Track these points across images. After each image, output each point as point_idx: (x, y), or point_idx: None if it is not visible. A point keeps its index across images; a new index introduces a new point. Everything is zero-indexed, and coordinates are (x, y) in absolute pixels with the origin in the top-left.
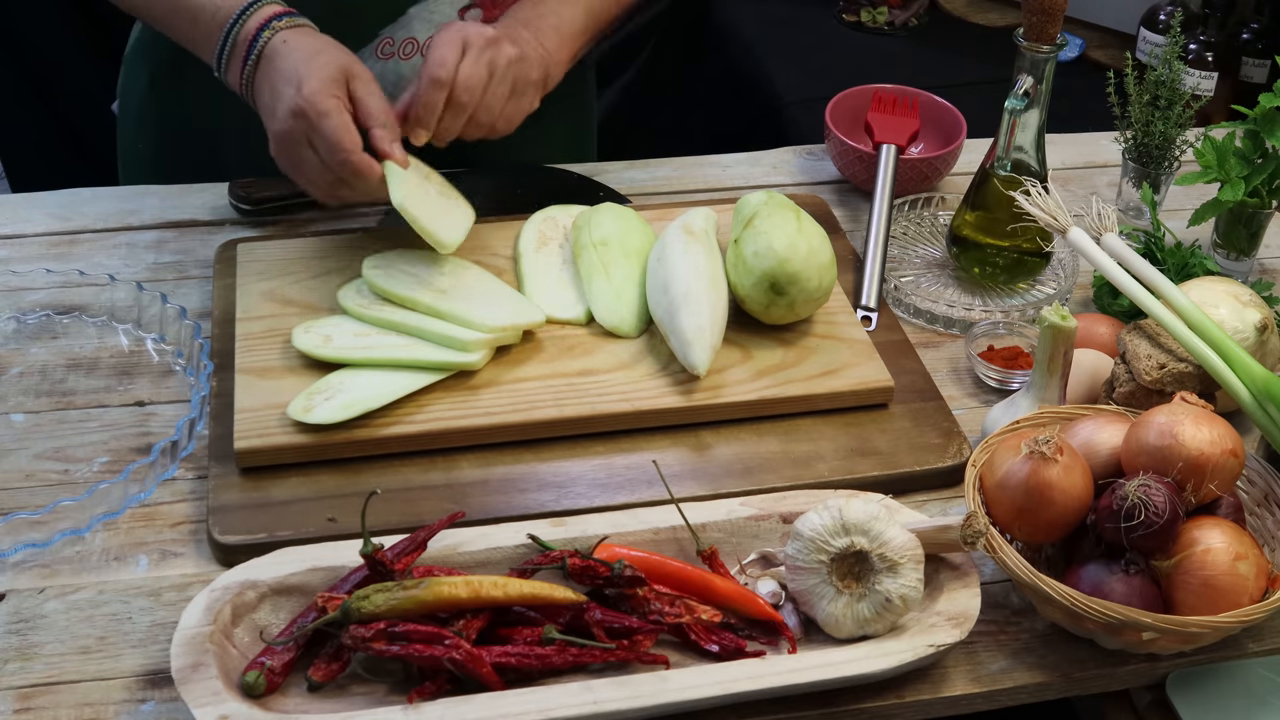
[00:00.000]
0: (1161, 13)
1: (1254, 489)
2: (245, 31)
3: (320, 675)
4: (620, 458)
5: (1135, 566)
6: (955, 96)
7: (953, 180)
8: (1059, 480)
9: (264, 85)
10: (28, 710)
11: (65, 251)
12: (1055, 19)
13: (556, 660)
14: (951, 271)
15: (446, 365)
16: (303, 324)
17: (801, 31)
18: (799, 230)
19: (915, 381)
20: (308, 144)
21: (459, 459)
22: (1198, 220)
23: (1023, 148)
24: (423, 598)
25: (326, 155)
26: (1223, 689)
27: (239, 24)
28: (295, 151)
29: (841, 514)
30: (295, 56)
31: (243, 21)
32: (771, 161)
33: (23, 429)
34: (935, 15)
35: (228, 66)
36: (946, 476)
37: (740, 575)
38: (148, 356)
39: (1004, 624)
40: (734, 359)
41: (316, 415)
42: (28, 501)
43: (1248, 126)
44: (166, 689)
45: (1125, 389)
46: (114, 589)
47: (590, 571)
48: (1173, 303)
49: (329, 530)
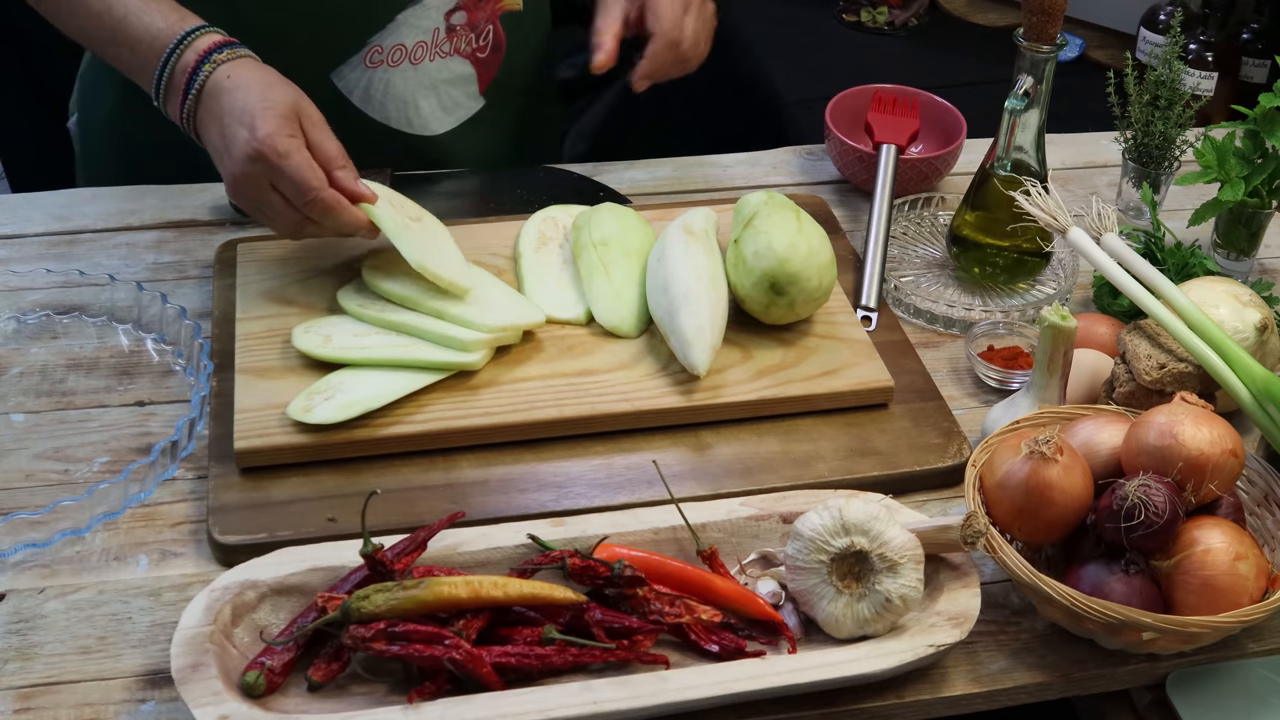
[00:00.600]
0: (1161, 13)
1: (1254, 489)
2: (183, 64)
3: (320, 675)
4: (620, 458)
5: (1135, 566)
6: (955, 96)
7: (953, 180)
8: (1059, 480)
9: (211, 124)
10: (28, 710)
11: (65, 251)
12: (1055, 19)
13: (556, 660)
14: (951, 271)
15: (446, 365)
16: (303, 324)
17: (801, 31)
18: (799, 230)
19: (915, 381)
20: (270, 187)
21: (459, 459)
22: (1198, 220)
23: (1023, 148)
24: (423, 598)
25: (294, 196)
26: (1223, 689)
27: (176, 55)
28: (257, 194)
29: (841, 514)
30: (243, 95)
31: (179, 52)
32: (771, 161)
33: (23, 429)
34: (935, 15)
35: (166, 99)
36: (946, 476)
37: (740, 575)
38: (148, 356)
39: (1004, 624)
40: (734, 359)
41: (316, 415)
42: (28, 501)
43: (1248, 126)
44: (166, 689)
45: (1125, 389)
46: (114, 589)
47: (590, 571)
48: (1173, 303)
49: (329, 530)
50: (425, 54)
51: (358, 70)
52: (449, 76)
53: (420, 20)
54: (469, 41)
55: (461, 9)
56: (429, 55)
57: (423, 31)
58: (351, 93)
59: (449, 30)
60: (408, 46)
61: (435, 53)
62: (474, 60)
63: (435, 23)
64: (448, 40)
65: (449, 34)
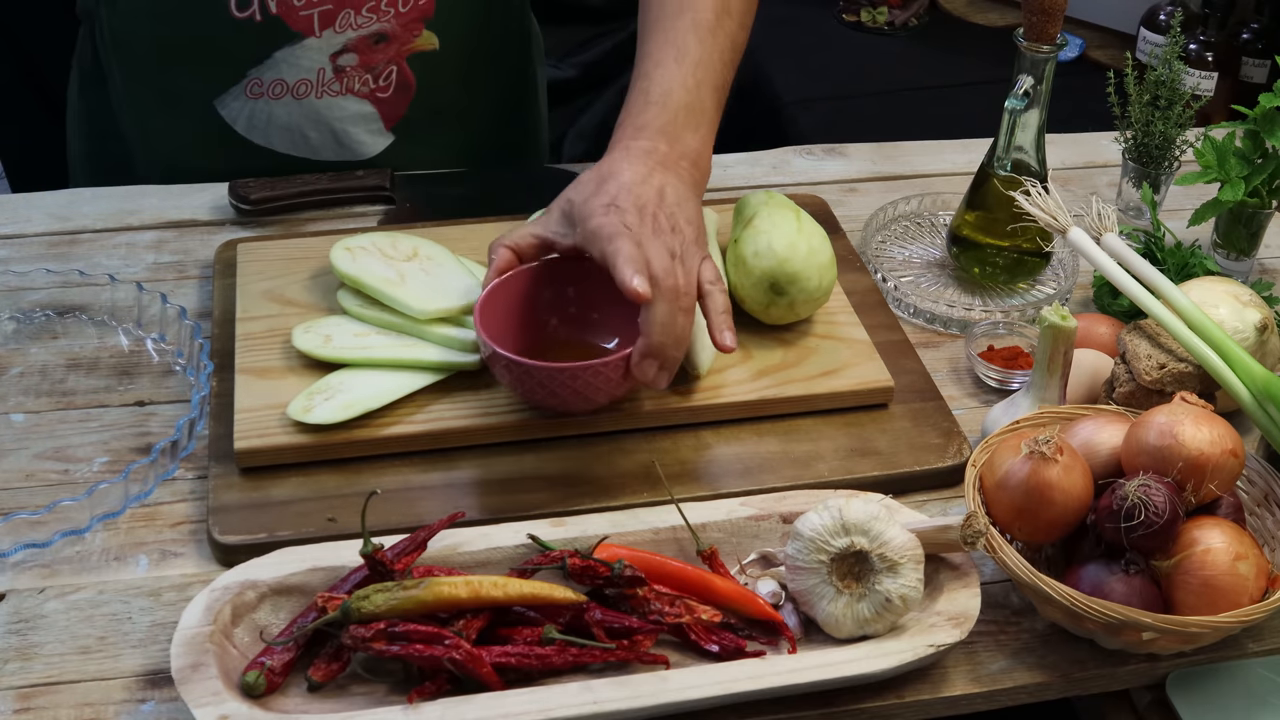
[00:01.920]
0: (1161, 13)
1: (1254, 489)
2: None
3: (320, 675)
4: (620, 458)
5: (1135, 566)
6: (955, 96)
7: (953, 180)
8: (1059, 480)
9: None
10: (28, 710)
11: (65, 251)
12: (1055, 19)
13: (556, 660)
14: (951, 271)
15: (446, 365)
16: (303, 324)
17: (801, 31)
18: (799, 230)
19: (915, 381)
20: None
21: (459, 459)
22: (1198, 220)
23: (1023, 148)
24: (423, 598)
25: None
26: (1223, 689)
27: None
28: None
29: (841, 514)
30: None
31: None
32: (771, 161)
33: (23, 429)
34: (935, 15)
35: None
36: (946, 476)
37: (740, 575)
38: (148, 356)
39: (1004, 624)
40: (734, 359)
41: (316, 415)
42: (28, 501)
43: (1248, 126)
44: (166, 689)
45: (1125, 389)
46: (114, 589)
47: (590, 571)
48: (1173, 303)
49: (329, 530)
50: (310, 90)
51: (240, 100)
52: (342, 115)
53: (299, 59)
54: (364, 82)
55: (351, 51)
56: (314, 93)
57: (304, 70)
58: (235, 121)
59: (337, 70)
60: (288, 82)
61: (323, 91)
62: (373, 100)
63: (318, 63)
64: (336, 80)
65: (337, 74)
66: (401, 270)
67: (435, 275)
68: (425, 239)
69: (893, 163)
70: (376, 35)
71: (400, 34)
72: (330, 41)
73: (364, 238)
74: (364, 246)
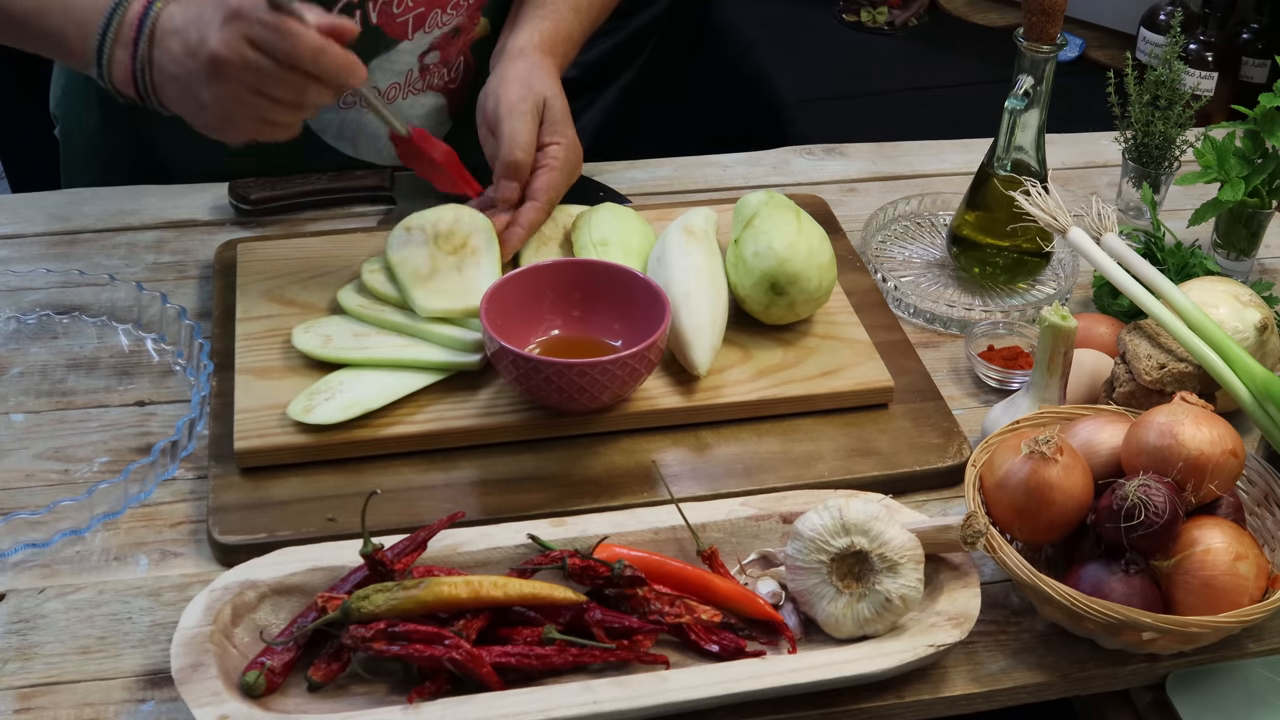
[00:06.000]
0: (1161, 13)
1: (1254, 489)
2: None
3: (320, 675)
4: (620, 458)
5: (1135, 566)
6: (955, 96)
7: (953, 180)
8: (1059, 480)
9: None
10: (28, 710)
11: (65, 251)
12: (1055, 19)
13: (556, 660)
14: (951, 271)
15: (446, 365)
16: (303, 324)
17: (801, 31)
18: (799, 230)
19: (915, 381)
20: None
21: (459, 459)
22: (1198, 220)
23: (1023, 148)
24: (423, 598)
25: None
26: (1223, 689)
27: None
28: (242, 72)
29: (841, 514)
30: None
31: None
32: (771, 161)
33: (23, 429)
34: (935, 15)
35: (112, 55)
36: (946, 476)
37: (740, 575)
38: (148, 356)
39: (1004, 624)
40: (734, 359)
41: (316, 415)
42: (28, 501)
43: (1248, 126)
44: (166, 689)
45: (1125, 389)
46: (114, 589)
47: (590, 571)
48: (1173, 303)
49: (329, 530)
50: (399, 94)
51: (331, 111)
52: (421, 111)
53: (394, 65)
54: (441, 77)
55: (435, 49)
56: (402, 94)
57: (396, 74)
58: (324, 131)
59: (422, 70)
60: (381, 89)
61: (408, 91)
62: (445, 91)
63: (409, 65)
64: (421, 79)
65: (422, 73)
66: (438, 264)
67: (465, 273)
68: (483, 229)
69: (893, 163)
70: (454, 29)
71: (467, 24)
72: (419, 43)
73: (432, 213)
74: (423, 226)
